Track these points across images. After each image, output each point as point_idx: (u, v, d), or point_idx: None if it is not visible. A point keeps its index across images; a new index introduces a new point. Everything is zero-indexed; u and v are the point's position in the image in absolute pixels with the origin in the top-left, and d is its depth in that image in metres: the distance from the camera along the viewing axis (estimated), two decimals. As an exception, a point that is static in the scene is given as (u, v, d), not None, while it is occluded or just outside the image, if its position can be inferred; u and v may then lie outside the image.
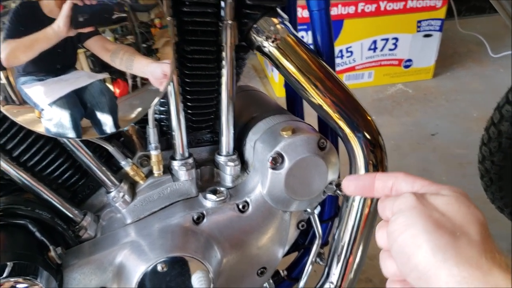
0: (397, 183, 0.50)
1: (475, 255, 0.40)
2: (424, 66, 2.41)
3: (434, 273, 0.40)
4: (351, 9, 2.07)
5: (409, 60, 2.36)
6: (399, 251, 0.43)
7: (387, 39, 2.24)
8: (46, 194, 0.64)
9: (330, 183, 0.70)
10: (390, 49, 2.28)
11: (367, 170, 0.70)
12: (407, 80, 2.42)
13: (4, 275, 0.56)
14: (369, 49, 2.24)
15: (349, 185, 0.53)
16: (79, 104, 0.55)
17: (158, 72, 0.57)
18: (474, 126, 2.05)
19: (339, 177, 0.73)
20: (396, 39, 2.26)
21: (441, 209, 0.44)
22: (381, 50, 2.27)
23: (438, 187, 0.47)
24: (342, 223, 0.73)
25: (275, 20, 0.67)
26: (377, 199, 0.52)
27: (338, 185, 0.71)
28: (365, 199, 0.72)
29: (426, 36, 2.31)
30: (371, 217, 0.73)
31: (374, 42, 2.23)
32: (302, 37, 1.02)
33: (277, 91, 2.28)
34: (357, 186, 0.53)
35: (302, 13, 1.60)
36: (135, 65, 0.56)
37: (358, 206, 0.72)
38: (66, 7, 0.51)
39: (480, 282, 0.39)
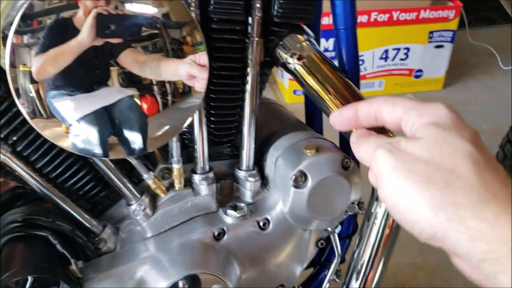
0: (378, 112, 0.48)
1: (477, 203, 0.37)
2: (434, 76, 2.41)
3: (443, 234, 0.38)
4: (363, 18, 2.07)
5: (420, 70, 2.36)
6: (399, 219, 0.42)
7: (398, 49, 2.25)
8: (67, 204, 0.64)
9: (352, 203, 0.70)
10: (401, 59, 2.29)
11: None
12: (417, 90, 2.42)
13: (26, 288, 0.56)
14: (381, 58, 2.25)
15: (335, 122, 0.52)
16: (108, 121, 0.55)
17: (191, 67, 0.56)
18: (484, 139, 2.03)
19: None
20: (408, 49, 2.27)
21: (423, 157, 0.40)
22: (392, 59, 2.27)
23: (418, 113, 0.43)
24: (363, 242, 0.73)
25: (301, 38, 0.67)
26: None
27: (360, 204, 0.71)
28: (386, 219, 0.72)
29: (438, 47, 2.32)
30: (391, 237, 0.73)
31: (386, 51, 2.23)
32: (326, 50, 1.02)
33: (286, 98, 2.28)
34: (343, 120, 0.51)
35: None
36: (163, 69, 0.55)
37: (380, 225, 0.72)
38: (90, 17, 0.51)
39: (489, 236, 0.36)
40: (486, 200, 0.37)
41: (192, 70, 0.56)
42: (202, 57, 0.56)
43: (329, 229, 0.73)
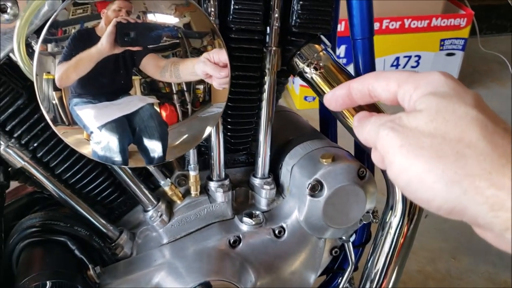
0: (372, 89, 0.46)
1: (492, 171, 0.35)
2: (445, 84, 2.41)
3: (461, 207, 0.36)
4: (375, 26, 2.07)
5: (431, 78, 2.36)
6: (414, 198, 0.39)
7: (409, 57, 2.25)
8: (84, 210, 0.65)
9: (367, 212, 0.70)
10: (412, 67, 2.29)
11: (404, 199, 0.70)
12: (428, 97, 2.41)
13: (45, 293, 0.57)
14: (392, 65, 2.25)
15: (330, 103, 0.51)
16: (128, 129, 0.55)
17: (205, 65, 0.56)
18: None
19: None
20: (419, 56, 2.27)
21: (428, 130, 0.38)
22: (403, 67, 2.27)
23: (414, 85, 0.42)
24: (377, 250, 0.73)
25: (319, 47, 0.67)
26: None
27: (374, 213, 0.71)
28: (401, 228, 0.72)
29: (449, 54, 2.32)
30: (406, 246, 0.74)
31: (397, 59, 2.23)
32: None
33: (297, 104, 2.29)
34: (337, 100, 0.50)
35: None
36: (181, 70, 0.56)
37: (394, 235, 0.72)
38: (110, 26, 0.52)
39: (509, 204, 0.34)
40: (501, 166, 0.35)
41: (206, 68, 0.57)
42: (216, 54, 0.56)
43: (344, 237, 0.73)
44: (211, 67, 0.57)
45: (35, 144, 0.60)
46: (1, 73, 0.56)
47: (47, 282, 0.57)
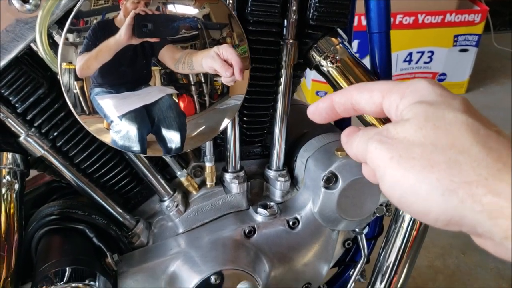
0: (355, 102, 0.44)
1: (488, 176, 0.33)
2: (458, 80, 2.40)
3: (459, 217, 0.34)
4: (388, 20, 2.06)
5: (443, 74, 2.35)
6: (410, 212, 0.38)
7: (422, 52, 2.23)
8: (102, 199, 0.66)
9: (381, 204, 0.71)
10: (425, 62, 2.27)
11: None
12: (440, 94, 2.40)
13: (64, 280, 0.58)
14: (404, 61, 2.24)
15: (313, 116, 0.49)
16: (147, 119, 0.56)
17: (213, 61, 0.56)
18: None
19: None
20: (432, 52, 2.25)
21: (417, 139, 0.36)
22: (416, 62, 2.26)
23: (399, 94, 0.40)
24: (389, 243, 0.74)
25: (335, 41, 0.67)
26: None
27: (387, 206, 0.72)
28: (414, 222, 0.72)
29: (462, 50, 2.30)
30: (418, 240, 0.74)
31: (410, 54, 2.22)
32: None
33: (309, 98, 2.29)
34: (321, 114, 0.48)
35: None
36: (194, 62, 0.56)
37: (407, 228, 0.72)
38: (129, 17, 0.53)
39: (508, 211, 0.32)
40: (497, 170, 0.33)
41: (214, 64, 0.56)
42: (226, 51, 0.56)
43: (357, 230, 0.74)
44: (218, 65, 0.56)
45: (55, 133, 0.61)
46: (22, 63, 0.57)
47: (67, 268, 0.58)
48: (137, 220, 0.68)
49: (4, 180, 0.59)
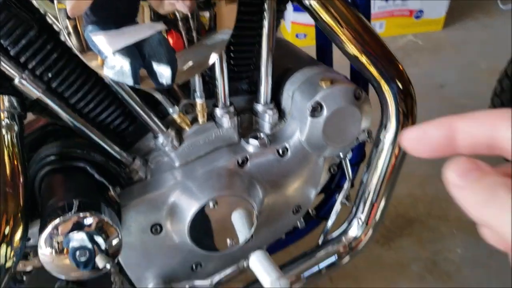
0: (499, 136, 0.27)
1: None
2: (435, 17, 2.42)
3: None
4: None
5: (421, 11, 2.36)
6: None
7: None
8: (99, 138, 0.68)
9: (363, 130, 0.75)
10: (402, 0, 2.28)
11: (398, 118, 0.75)
12: (418, 31, 2.43)
13: (72, 212, 0.61)
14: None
15: (413, 145, 0.31)
16: (139, 55, 0.58)
17: None
18: (482, 77, 2.08)
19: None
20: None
21: None
22: (394, 0, 2.26)
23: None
24: (371, 168, 0.79)
25: (316, -26, 0.69)
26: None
27: (369, 132, 0.76)
28: (393, 146, 0.77)
29: (439, -14, 2.30)
30: (397, 165, 0.79)
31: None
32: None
33: (288, 41, 2.29)
34: (431, 144, 0.30)
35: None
36: None
37: (387, 154, 0.77)
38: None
39: None
40: None
41: None
42: None
43: (341, 155, 0.79)
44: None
45: (49, 75, 0.62)
46: (11, 6, 0.58)
47: (74, 200, 0.61)
48: (134, 157, 0.71)
49: (3, 123, 0.61)
